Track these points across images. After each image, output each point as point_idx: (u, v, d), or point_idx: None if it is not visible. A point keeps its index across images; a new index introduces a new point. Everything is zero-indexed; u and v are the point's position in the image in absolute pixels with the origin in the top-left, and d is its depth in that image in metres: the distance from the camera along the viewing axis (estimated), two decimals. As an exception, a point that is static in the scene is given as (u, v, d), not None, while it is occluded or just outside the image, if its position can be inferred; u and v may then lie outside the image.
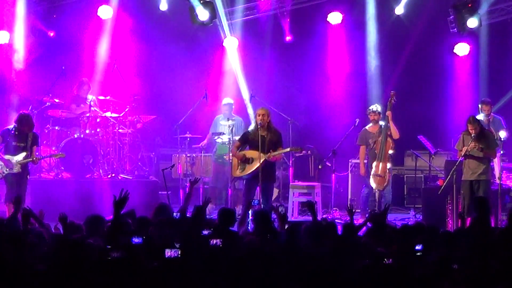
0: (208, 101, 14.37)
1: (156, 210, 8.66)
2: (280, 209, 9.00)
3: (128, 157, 14.29)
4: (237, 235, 8.05)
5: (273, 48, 15.93)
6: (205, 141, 14.37)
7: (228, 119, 13.97)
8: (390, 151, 13.00)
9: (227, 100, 14.48)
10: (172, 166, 13.05)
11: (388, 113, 12.97)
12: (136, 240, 6.69)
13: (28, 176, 12.18)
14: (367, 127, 13.30)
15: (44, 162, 13.69)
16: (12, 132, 12.01)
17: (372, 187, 12.98)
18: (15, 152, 11.95)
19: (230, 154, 12.81)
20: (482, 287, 6.00)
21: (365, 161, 13.19)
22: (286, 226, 8.33)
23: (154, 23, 15.51)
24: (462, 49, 15.48)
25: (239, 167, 11.98)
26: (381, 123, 13.15)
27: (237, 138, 12.75)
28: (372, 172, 12.95)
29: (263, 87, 15.30)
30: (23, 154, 11.95)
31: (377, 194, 12.92)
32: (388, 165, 12.94)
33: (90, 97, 14.40)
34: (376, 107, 13.31)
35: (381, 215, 8.41)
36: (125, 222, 7.68)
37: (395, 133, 13.06)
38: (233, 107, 14.46)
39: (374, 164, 12.94)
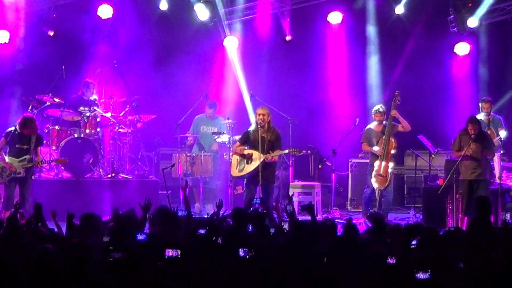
0: (208, 100, 14.39)
1: (156, 212, 8.62)
2: (288, 208, 8.94)
3: (128, 156, 14.29)
4: (252, 236, 7.93)
5: (273, 48, 15.93)
6: (191, 139, 14.31)
7: (212, 119, 14.13)
8: (393, 151, 12.94)
9: (212, 101, 14.46)
10: (172, 165, 13.06)
11: (393, 112, 12.87)
12: (140, 237, 6.75)
13: (32, 177, 12.09)
14: (371, 126, 13.11)
15: (44, 161, 13.70)
16: (15, 134, 11.88)
17: (373, 187, 12.95)
18: (18, 155, 11.82)
19: (230, 154, 12.82)
20: (482, 286, 6.00)
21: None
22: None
23: (154, 23, 15.51)
24: (462, 48, 15.49)
25: (237, 166, 11.98)
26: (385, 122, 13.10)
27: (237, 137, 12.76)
28: (374, 172, 12.91)
29: (263, 87, 15.30)
30: (26, 157, 11.81)
31: (377, 194, 12.89)
32: (390, 165, 12.88)
33: (93, 97, 14.39)
34: (382, 107, 13.18)
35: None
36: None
37: (406, 125, 12.94)
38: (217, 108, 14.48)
39: (376, 163, 12.88)
